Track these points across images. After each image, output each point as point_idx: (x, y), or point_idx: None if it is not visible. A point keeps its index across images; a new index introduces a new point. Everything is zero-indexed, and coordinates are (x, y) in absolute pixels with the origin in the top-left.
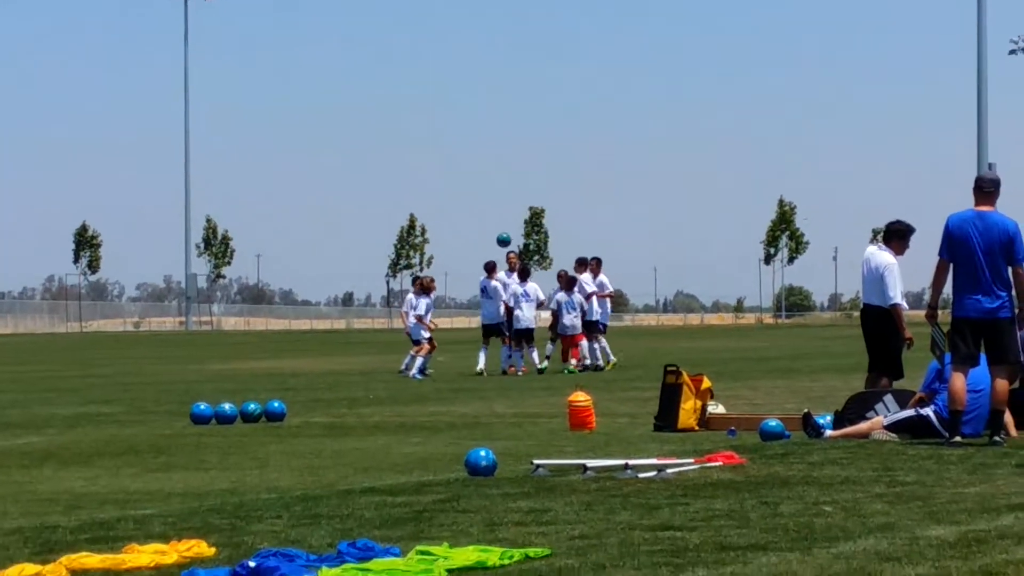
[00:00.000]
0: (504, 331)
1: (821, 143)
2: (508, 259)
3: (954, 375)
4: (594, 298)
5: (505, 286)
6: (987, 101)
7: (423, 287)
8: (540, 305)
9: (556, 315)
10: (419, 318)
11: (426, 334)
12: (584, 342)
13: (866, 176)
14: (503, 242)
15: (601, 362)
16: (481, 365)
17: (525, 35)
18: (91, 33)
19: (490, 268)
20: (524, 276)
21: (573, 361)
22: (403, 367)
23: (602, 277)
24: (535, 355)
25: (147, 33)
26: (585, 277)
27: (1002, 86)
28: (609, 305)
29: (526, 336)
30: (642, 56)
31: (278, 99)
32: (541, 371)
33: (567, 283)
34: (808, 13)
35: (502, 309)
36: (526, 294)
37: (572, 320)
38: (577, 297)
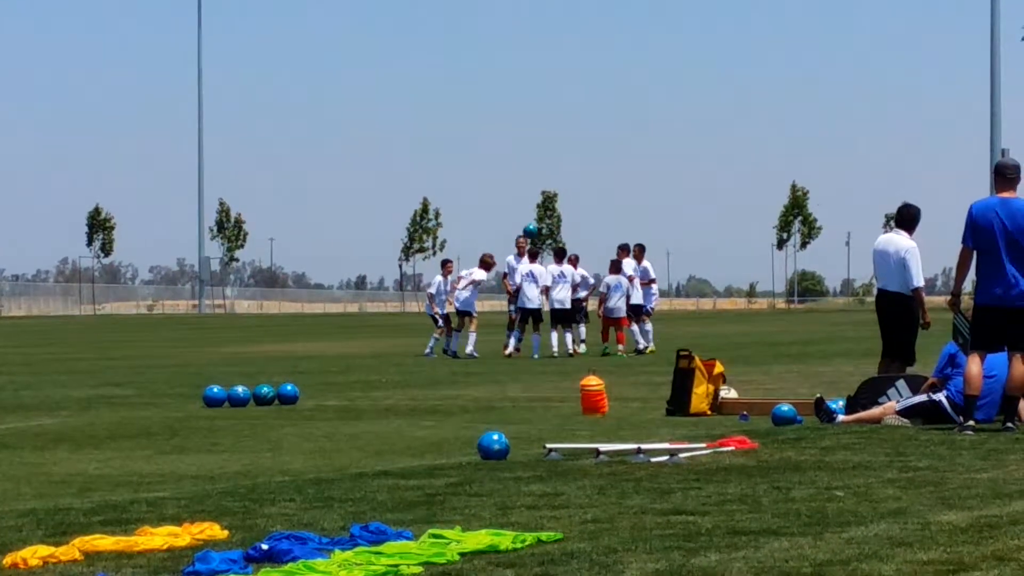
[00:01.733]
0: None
1: (834, 128)
2: (517, 243)
3: (971, 361)
4: (636, 282)
5: (513, 269)
6: (1000, 86)
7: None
8: (546, 289)
9: (603, 298)
10: (475, 283)
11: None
12: (634, 326)
13: (879, 161)
14: (530, 233)
15: (642, 345)
16: (555, 347)
17: (539, 19)
18: (105, 16)
19: (532, 255)
20: (533, 258)
21: (620, 347)
22: (431, 350)
23: (646, 263)
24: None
25: (161, 16)
26: (627, 262)
27: (1015, 72)
28: (655, 290)
29: (536, 316)
30: (656, 41)
31: (291, 83)
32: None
33: (613, 266)
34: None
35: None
36: (531, 274)
37: (617, 303)
38: (623, 280)
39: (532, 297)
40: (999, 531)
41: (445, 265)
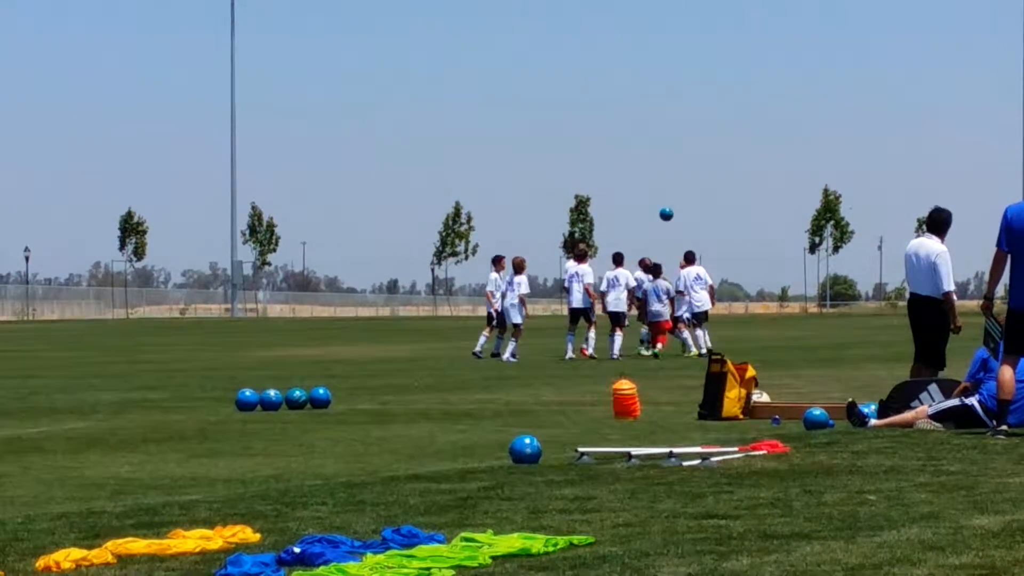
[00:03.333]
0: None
1: (866, 132)
2: (578, 248)
3: (1004, 365)
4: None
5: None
6: None
7: (518, 266)
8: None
9: (644, 302)
10: (522, 298)
11: (519, 318)
12: (685, 332)
13: (911, 165)
14: (666, 216)
15: (697, 349)
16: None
17: (572, 22)
18: (138, 20)
19: (580, 256)
20: (581, 260)
21: (659, 346)
22: (481, 349)
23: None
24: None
25: (194, 20)
26: (695, 270)
27: None
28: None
29: (584, 315)
30: (688, 44)
31: (324, 86)
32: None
33: (654, 271)
34: (855, 2)
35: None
36: (576, 275)
37: (659, 307)
38: (663, 284)
39: (577, 297)
40: None
41: (498, 261)
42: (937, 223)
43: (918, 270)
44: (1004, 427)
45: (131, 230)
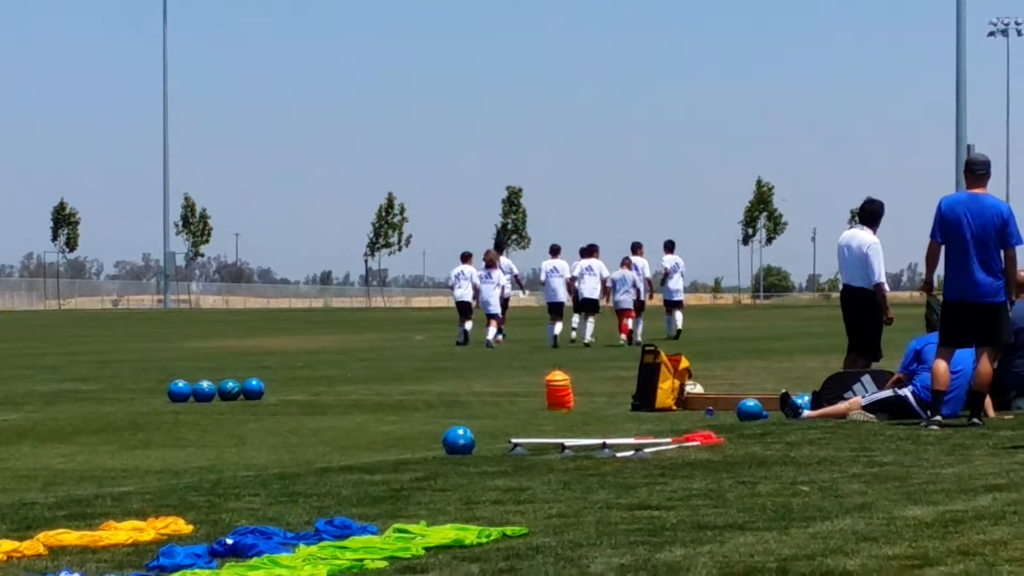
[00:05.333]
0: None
1: (799, 124)
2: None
3: (938, 358)
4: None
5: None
6: (966, 83)
7: (490, 260)
8: (571, 281)
9: (610, 292)
10: (502, 288)
11: (497, 308)
12: (635, 319)
13: (844, 157)
14: None
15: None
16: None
17: (503, 13)
18: (70, 10)
19: (555, 251)
20: (555, 254)
21: (623, 336)
22: (492, 339)
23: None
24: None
25: (126, 10)
26: (668, 258)
27: (981, 68)
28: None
29: (559, 309)
30: (621, 35)
31: (257, 78)
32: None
33: (622, 262)
34: None
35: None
36: (555, 269)
37: (623, 296)
38: (629, 275)
39: (557, 290)
40: (964, 526)
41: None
42: (869, 214)
43: (850, 261)
44: (938, 418)
45: (63, 221)
